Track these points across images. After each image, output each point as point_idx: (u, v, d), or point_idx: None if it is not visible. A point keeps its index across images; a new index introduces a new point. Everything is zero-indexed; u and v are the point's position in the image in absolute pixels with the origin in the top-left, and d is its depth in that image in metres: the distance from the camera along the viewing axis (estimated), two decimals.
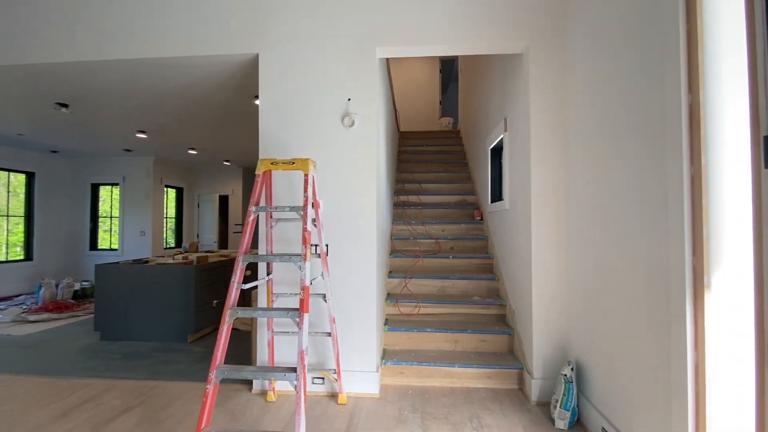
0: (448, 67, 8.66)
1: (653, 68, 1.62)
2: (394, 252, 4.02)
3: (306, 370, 1.74)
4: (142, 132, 5.43)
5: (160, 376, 3.01)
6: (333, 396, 2.63)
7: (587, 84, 2.25)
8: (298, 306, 2.57)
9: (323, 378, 2.64)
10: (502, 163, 3.57)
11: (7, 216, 6.64)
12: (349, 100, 2.73)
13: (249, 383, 2.82)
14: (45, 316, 4.76)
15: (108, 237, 7.95)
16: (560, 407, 2.21)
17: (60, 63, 2.96)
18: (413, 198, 4.84)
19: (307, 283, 1.88)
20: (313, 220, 2.36)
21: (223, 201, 9.32)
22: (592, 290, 2.18)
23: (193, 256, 4.40)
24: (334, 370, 2.56)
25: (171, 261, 4.24)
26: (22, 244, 6.90)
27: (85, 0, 2.92)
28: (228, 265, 4.56)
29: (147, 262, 4.28)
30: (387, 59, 4.14)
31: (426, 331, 3.06)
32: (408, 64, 8.31)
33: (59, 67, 3.06)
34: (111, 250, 7.79)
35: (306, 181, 2.07)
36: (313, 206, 2.21)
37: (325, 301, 2.43)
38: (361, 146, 2.71)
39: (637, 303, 1.72)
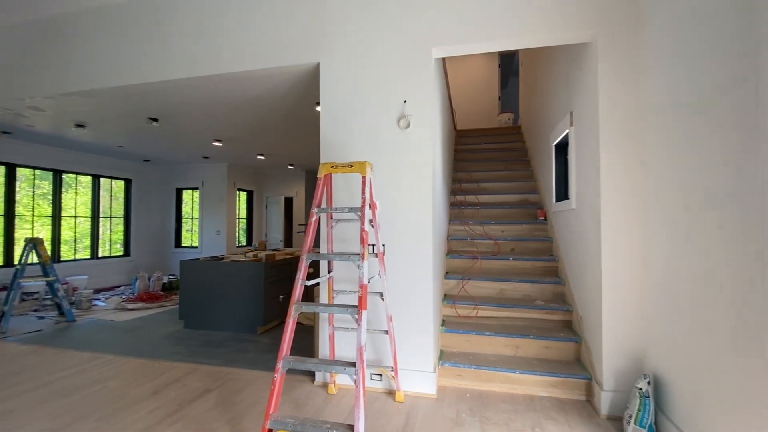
0: (508, 61, 8.34)
1: (747, 56, 1.43)
2: (450, 253, 3.98)
3: (365, 366, 1.80)
4: (218, 141, 5.96)
5: (234, 363, 3.28)
6: (390, 393, 2.67)
7: (667, 73, 2.05)
8: (356, 303, 2.66)
9: (381, 375, 2.70)
10: (567, 159, 3.36)
11: (110, 217, 7.68)
12: (405, 102, 2.76)
13: (312, 375, 2.98)
14: (140, 305, 5.43)
15: (189, 236, 8.84)
16: (635, 423, 2.03)
17: (152, 82, 3.37)
18: (471, 198, 4.74)
19: (365, 281, 1.94)
20: (371, 221, 2.43)
21: (288, 202, 9.89)
22: (674, 298, 1.98)
23: (262, 254, 4.73)
24: (392, 367, 2.61)
25: (243, 258, 4.61)
26: (121, 241, 7.94)
27: (174, 26, 3.29)
28: (292, 263, 4.84)
29: (222, 259, 4.70)
30: (443, 57, 4.11)
31: (485, 334, 2.99)
32: (465, 60, 8.15)
33: (152, 86, 3.48)
34: (192, 247, 8.65)
35: (363, 183, 2.14)
36: (370, 207, 2.27)
37: (383, 299, 2.49)
38: (416, 147, 2.73)
39: (731, 313, 1.53)
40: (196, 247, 8.59)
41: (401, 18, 2.79)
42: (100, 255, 7.38)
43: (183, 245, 8.78)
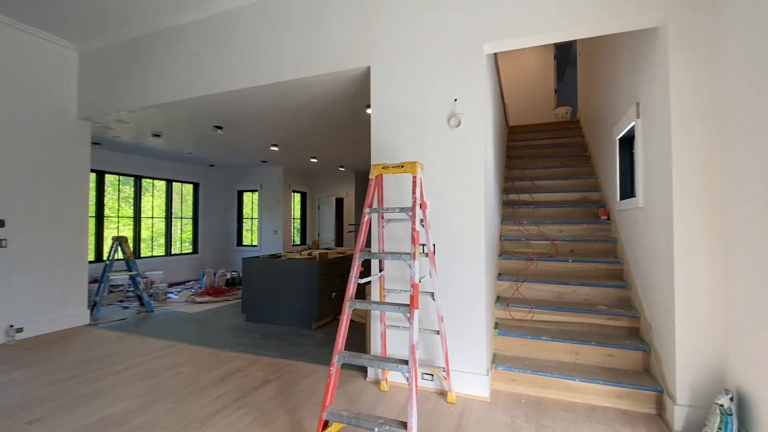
0: (565, 51, 7.90)
1: None
2: (503, 253, 3.86)
3: (417, 364, 1.82)
4: (275, 145, 6.30)
5: (291, 356, 3.46)
6: (442, 394, 2.66)
7: (751, 59, 1.83)
8: (408, 302, 2.69)
9: (432, 375, 2.70)
10: (633, 154, 3.13)
11: (181, 218, 8.42)
12: (456, 100, 2.74)
13: (364, 371, 3.05)
14: (207, 298, 5.90)
15: (249, 235, 9.42)
16: None
17: (218, 93, 3.65)
18: (525, 196, 4.56)
19: (417, 280, 1.96)
20: (421, 221, 2.44)
21: (339, 203, 10.17)
22: (765, 306, 1.77)
23: (315, 253, 4.93)
24: (443, 368, 2.60)
25: (298, 256, 4.83)
26: (190, 240, 8.66)
27: (237, 40, 3.54)
28: (344, 261, 4.98)
29: (280, 257, 4.96)
30: (495, 53, 3.99)
31: (541, 339, 2.87)
32: (517, 53, 7.85)
33: (218, 97, 3.77)
34: (252, 246, 9.21)
35: (414, 183, 2.16)
36: (420, 207, 2.28)
37: (434, 299, 2.49)
38: (467, 146, 2.69)
39: None
40: (255, 246, 9.13)
41: (451, 15, 2.77)
42: (172, 252, 8.12)
43: (244, 244, 9.38)
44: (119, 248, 5.19)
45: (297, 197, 9.81)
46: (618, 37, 3.41)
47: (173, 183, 8.17)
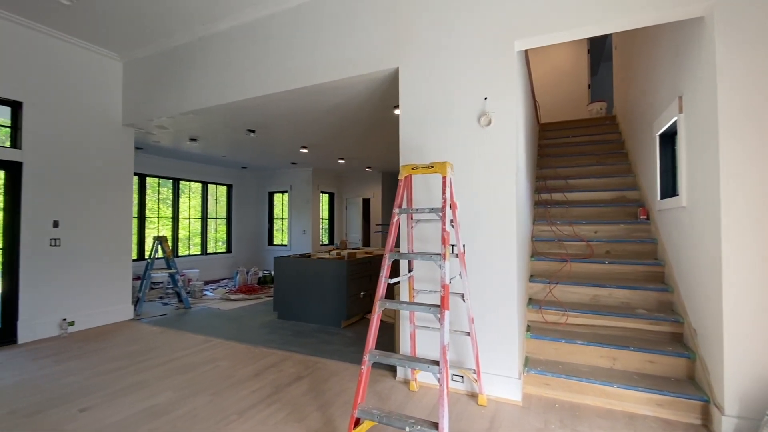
0: (599, 45, 7.61)
1: None
2: (535, 255, 3.77)
3: (448, 365, 1.81)
4: (304, 147, 6.43)
5: (321, 353, 3.52)
6: (473, 396, 2.64)
7: None
8: (438, 302, 2.68)
9: (462, 376, 2.68)
10: (675, 150, 2.97)
11: (215, 218, 8.75)
12: (486, 99, 2.70)
13: (394, 371, 3.07)
14: (240, 296, 6.10)
15: (280, 234, 9.67)
16: None
17: (252, 98, 3.77)
18: (557, 196, 4.43)
19: (447, 281, 1.95)
20: (451, 221, 2.42)
21: (366, 203, 10.25)
22: None
23: (344, 253, 4.99)
24: (474, 370, 2.57)
25: (328, 256, 4.92)
26: (224, 240, 8.99)
27: (268, 47, 3.66)
28: (372, 261, 5.02)
29: (309, 256, 5.06)
30: (525, 50, 3.91)
31: (576, 342, 2.78)
32: (548, 48, 7.63)
33: (251, 102, 3.89)
34: (282, 245, 9.45)
35: (444, 184, 2.15)
36: (450, 207, 2.27)
37: (464, 300, 2.47)
38: (498, 145, 2.65)
39: None
40: (285, 245, 9.36)
41: (480, 13, 2.74)
42: (208, 251, 8.46)
43: (274, 243, 9.63)
44: (159, 247, 5.46)
45: (325, 198, 9.97)
46: (658, 28, 3.25)
47: (208, 185, 8.51)
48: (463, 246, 2.69)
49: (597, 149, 5.14)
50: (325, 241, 9.95)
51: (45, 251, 4.01)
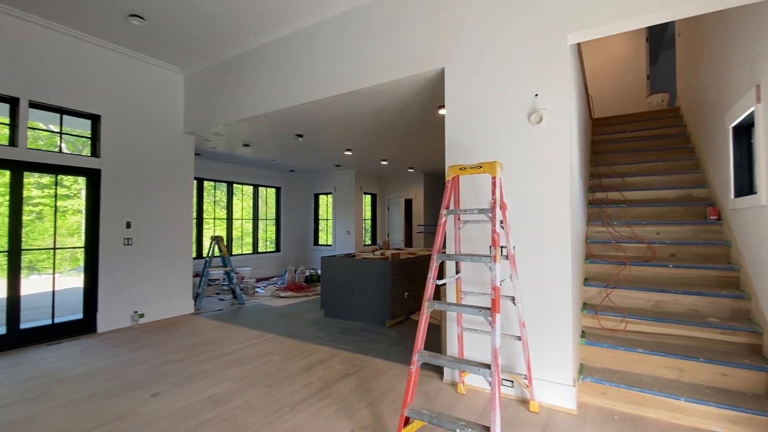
0: (659, 32, 7.07)
1: None
2: (590, 257, 3.59)
3: (500, 369, 1.79)
4: (349, 150, 6.57)
5: (368, 352, 3.59)
6: (523, 402, 2.57)
7: None
8: (486, 305, 2.64)
9: (512, 381, 2.62)
10: (752, 144, 2.71)
11: (265, 219, 9.18)
12: (536, 95, 2.62)
13: (440, 372, 3.06)
14: (289, 293, 6.35)
15: (324, 235, 9.94)
16: None
17: (300, 104, 3.93)
18: (614, 195, 4.18)
19: (498, 283, 1.92)
20: (501, 222, 2.38)
21: (408, 204, 10.26)
22: None
23: (388, 253, 5.04)
24: (525, 375, 2.50)
25: (372, 256, 4.99)
26: (273, 239, 9.40)
27: (316, 54, 3.79)
28: (416, 262, 5.02)
29: (354, 256, 5.17)
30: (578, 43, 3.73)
31: (637, 351, 2.62)
32: (602, 38, 7.21)
33: (299, 108, 4.05)
34: (327, 245, 9.71)
35: (494, 184, 2.12)
36: (500, 208, 2.23)
37: (514, 303, 2.41)
38: (550, 142, 2.56)
39: None
40: (330, 245, 9.61)
41: (531, 7, 2.66)
42: (259, 250, 8.89)
43: (320, 243, 9.93)
44: (216, 247, 5.83)
45: (368, 199, 10.11)
46: (731, 9, 2.98)
47: (259, 188, 8.95)
48: (513, 248, 2.63)
49: (658, 144, 4.79)
50: (368, 241, 10.09)
51: (119, 249, 4.44)
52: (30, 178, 3.93)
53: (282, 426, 2.28)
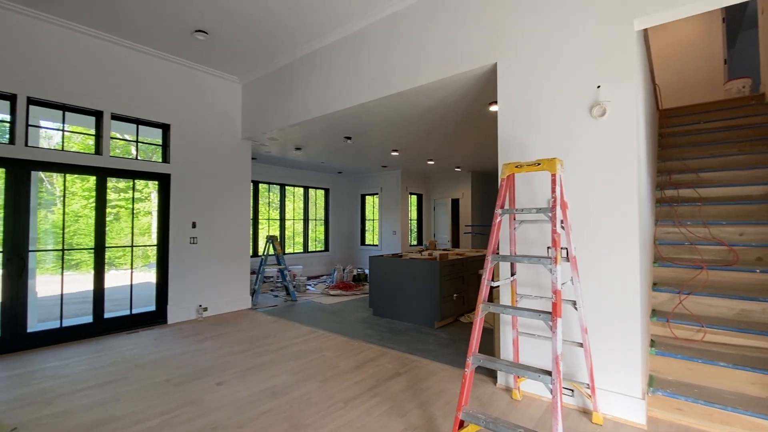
0: (738, 12, 6.35)
1: None
2: (659, 260, 3.31)
3: (561, 376, 1.70)
4: (395, 150, 6.60)
5: (416, 352, 3.58)
6: (585, 413, 2.43)
7: None
8: (544, 308, 2.53)
9: (573, 390, 2.48)
10: None
11: (314, 219, 9.48)
12: (599, 87, 2.47)
13: (493, 376, 2.98)
14: (338, 292, 6.51)
15: (371, 235, 10.07)
16: None
17: (349, 107, 4.01)
18: (686, 192, 3.82)
19: (559, 286, 1.83)
20: (561, 222, 2.26)
21: (455, 204, 10.10)
22: None
23: (436, 253, 5.00)
24: (587, 384, 2.36)
25: (419, 256, 4.97)
26: (322, 239, 9.68)
27: (365, 57, 3.85)
28: (464, 263, 4.93)
29: (401, 256, 5.18)
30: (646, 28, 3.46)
31: (717, 364, 2.37)
32: (671, 22, 6.62)
33: (349, 110, 4.14)
34: (373, 245, 9.83)
35: (553, 182, 2.02)
36: (561, 207, 2.12)
37: (575, 308, 2.28)
38: (614, 137, 2.40)
39: None
40: (376, 245, 9.72)
41: None
42: (309, 250, 9.21)
43: (366, 243, 10.07)
44: (271, 245, 6.12)
45: (413, 199, 10.09)
46: None
47: (309, 189, 9.27)
48: (574, 249, 2.49)
49: (740, 135, 4.30)
50: (414, 241, 10.06)
51: (186, 248, 4.80)
52: (108, 183, 4.36)
53: (336, 421, 2.34)
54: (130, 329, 4.37)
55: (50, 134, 4.39)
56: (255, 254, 7.87)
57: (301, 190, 9.16)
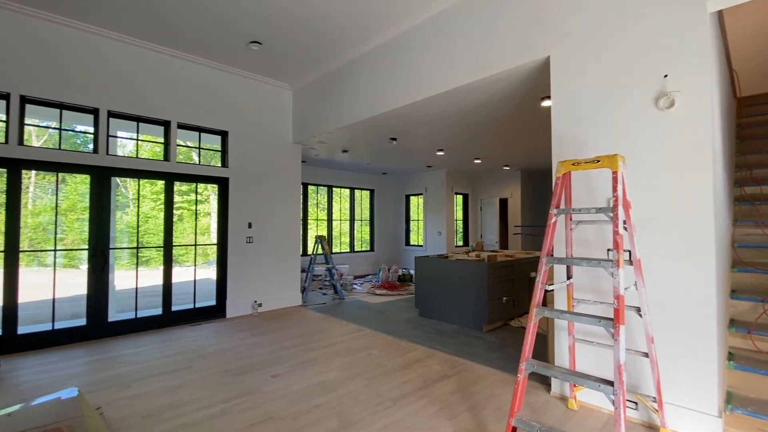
0: None
1: None
2: (738, 264, 2.98)
3: (624, 387, 1.60)
4: (441, 150, 6.54)
5: (464, 355, 3.52)
6: (650, 428, 2.25)
7: None
8: (603, 314, 2.39)
9: (636, 403, 2.32)
10: None
11: (360, 220, 9.64)
12: (666, 76, 2.28)
13: (546, 383, 2.86)
14: (384, 291, 6.57)
15: (415, 235, 10.04)
16: None
17: (396, 108, 4.04)
18: None
19: (621, 291, 1.72)
20: (624, 223, 2.12)
21: (503, 204, 9.79)
22: None
23: (483, 255, 4.88)
24: (654, 398, 2.19)
25: (466, 257, 4.88)
26: (367, 239, 9.82)
27: (410, 58, 3.86)
28: (514, 265, 4.76)
29: (447, 257, 5.12)
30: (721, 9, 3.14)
31: None
32: (749, 2, 5.92)
33: (395, 112, 4.17)
34: (418, 246, 9.80)
35: (615, 180, 1.90)
36: (623, 207, 1.99)
37: (640, 315, 2.13)
38: (684, 130, 2.20)
39: None
40: (421, 246, 9.68)
41: None
42: (355, 249, 9.38)
43: (411, 243, 10.07)
44: (320, 245, 6.32)
45: (459, 199, 9.92)
46: None
47: (354, 190, 9.45)
48: (638, 251, 2.32)
49: None
50: (459, 242, 9.89)
51: (243, 247, 5.09)
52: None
53: (385, 419, 2.37)
54: (193, 321, 4.72)
55: (124, 143, 4.86)
56: (304, 253, 8.16)
57: (347, 191, 9.35)
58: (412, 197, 10.13)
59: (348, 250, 9.27)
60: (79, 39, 3.93)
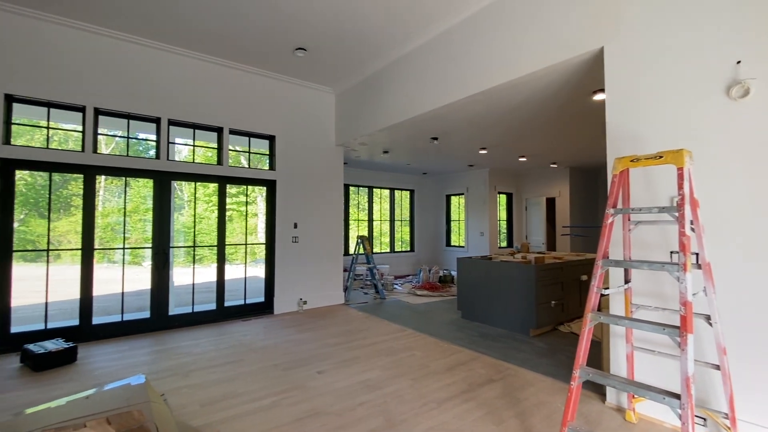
0: None
1: None
2: None
3: (693, 401, 1.47)
4: (483, 149, 6.39)
5: (510, 360, 3.41)
6: None
7: None
8: (667, 322, 2.22)
9: (705, 419, 2.13)
10: None
11: (400, 220, 9.65)
12: (738, 63, 2.08)
13: (601, 393, 2.70)
14: (425, 292, 6.53)
15: (456, 236, 9.89)
16: None
17: (437, 108, 4.00)
18: None
19: (689, 297, 1.59)
20: (691, 223, 1.96)
21: (550, 203, 9.38)
22: None
23: (530, 256, 4.70)
24: (725, 414, 2.01)
25: (512, 259, 4.73)
26: (407, 240, 9.81)
27: (449, 56, 3.81)
28: (563, 268, 4.55)
29: (491, 258, 4.99)
30: None
31: None
32: None
33: (435, 112, 4.14)
34: (459, 246, 9.64)
35: (680, 177, 1.76)
36: (690, 206, 1.83)
37: (710, 324, 1.95)
38: (761, 121, 1.99)
39: None
40: (462, 247, 9.51)
41: None
42: (395, 250, 9.41)
43: (452, 244, 9.92)
44: (361, 245, 6.40)
45: (502, 198, 9.64)
46: None
47: (395, 191, 9.48)
48: (707, 254, 2.14)
49: None
50: (503, 243, 9.61)
51: (289, 246, 5.28)
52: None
53: (429, 421, 2.35)
54: (244, 317, 4.97)
55: (179, 149, 5.21)
56: (346, 253, 8.31)
57: (387, 191, 9.40)
58: (452, 197, 9.98)
59: (388, 250, 9.31)
60: (145, 55, 4.28)
